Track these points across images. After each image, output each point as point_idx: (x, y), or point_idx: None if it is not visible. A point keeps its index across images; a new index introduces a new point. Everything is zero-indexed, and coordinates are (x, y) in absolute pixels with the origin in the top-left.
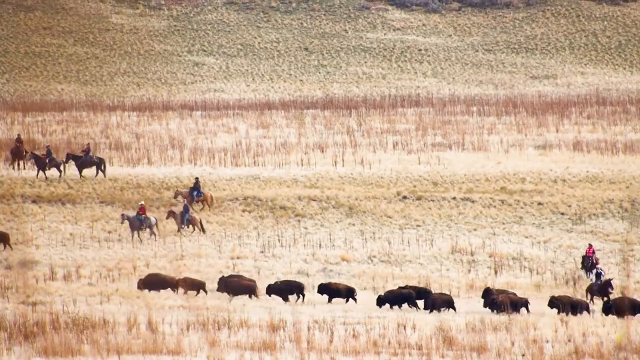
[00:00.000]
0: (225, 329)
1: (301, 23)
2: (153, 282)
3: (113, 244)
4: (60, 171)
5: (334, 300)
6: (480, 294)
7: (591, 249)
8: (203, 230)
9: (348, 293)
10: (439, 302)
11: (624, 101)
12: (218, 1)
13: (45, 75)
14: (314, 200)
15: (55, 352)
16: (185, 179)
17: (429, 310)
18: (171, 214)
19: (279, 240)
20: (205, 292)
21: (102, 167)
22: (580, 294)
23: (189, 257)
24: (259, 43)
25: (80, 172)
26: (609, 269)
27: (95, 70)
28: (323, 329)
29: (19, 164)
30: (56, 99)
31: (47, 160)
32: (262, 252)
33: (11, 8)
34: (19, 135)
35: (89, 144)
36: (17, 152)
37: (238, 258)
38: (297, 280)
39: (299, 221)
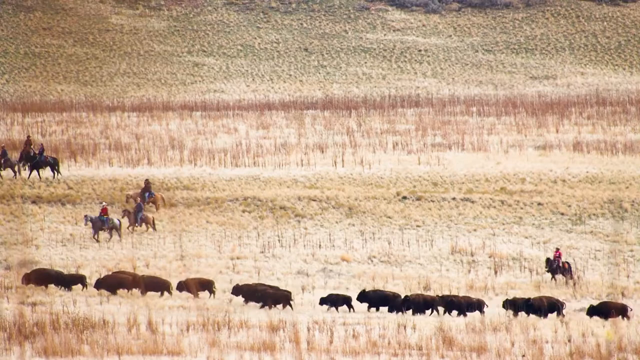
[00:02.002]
0: (225, 330)
1: (301, 24)
2: (39, 278)
3: (113, 244)
4: (15, 172)
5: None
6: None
7: (558, 252)
8: (154, 228)
9: (207, 285)
10: (273, 298)
11: (624, 101)
12: (218, 2)
13: (45, 75)
14: (314, 200)
15: (55, 353)
16: (185, 179)
17: (260, 306)
18: (126, 212)
19: (279, 240)
20: (86, 286)
21: (57, 167)
22: (579, 294)
23: (189, 258)
24: (259, 44)
25: (38, 172)
26: (609, 269)
27: (95, 70)
28: (323, 330)
29: (30, 168)
30: (56, 100)
31: (1, 161)
32: (262, 252)
33: (11, 8)
34: (28, 136)
35: (42, 144)
36: (27, 154)
37: (238, 258)
38: (298, 280)
39: (298, 221)
